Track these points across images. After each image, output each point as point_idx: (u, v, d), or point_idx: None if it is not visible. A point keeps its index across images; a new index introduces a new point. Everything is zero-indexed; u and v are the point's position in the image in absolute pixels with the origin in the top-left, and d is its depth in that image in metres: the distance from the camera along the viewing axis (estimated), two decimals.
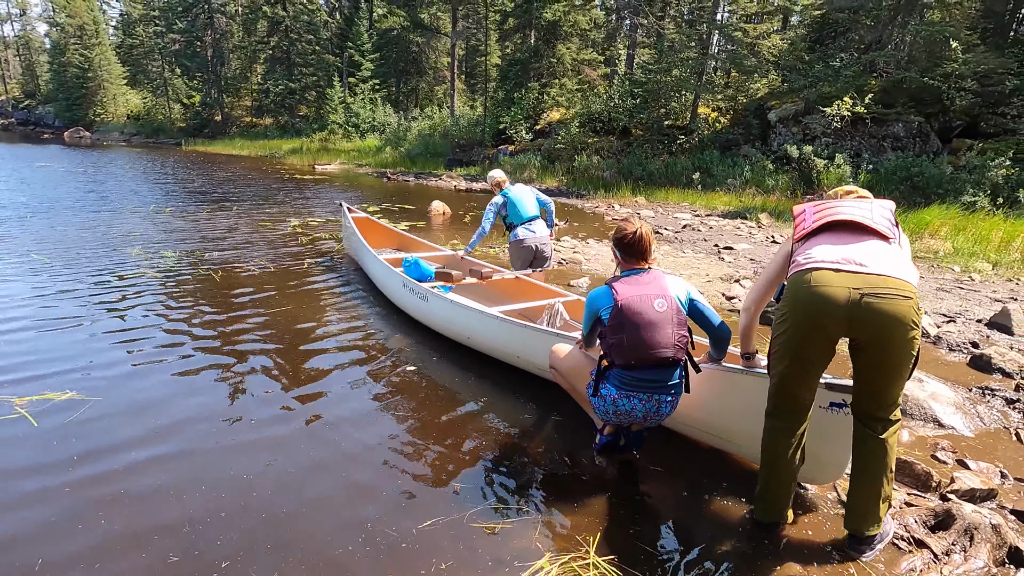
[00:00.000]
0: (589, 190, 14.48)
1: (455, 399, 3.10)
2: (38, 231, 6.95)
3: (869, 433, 1.95)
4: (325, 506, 2.15)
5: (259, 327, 4.01)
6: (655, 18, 19.20)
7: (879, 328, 1.78)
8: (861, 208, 1.98)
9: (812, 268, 1.88)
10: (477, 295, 4.56)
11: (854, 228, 1.95)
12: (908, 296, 1.78)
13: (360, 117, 26.43)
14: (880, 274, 1.80)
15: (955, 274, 6.39)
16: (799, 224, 2.06)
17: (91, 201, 9.72)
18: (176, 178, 14.55)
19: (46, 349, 3.47)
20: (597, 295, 2.36)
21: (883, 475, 1.94)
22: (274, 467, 2.37)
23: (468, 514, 2.12)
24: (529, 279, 4.46)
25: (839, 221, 1.96)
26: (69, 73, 36.67)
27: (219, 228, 7.80)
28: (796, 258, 1.98)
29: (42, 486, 2.19)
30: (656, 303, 2.23)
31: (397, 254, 5.41)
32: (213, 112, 33.80)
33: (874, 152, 12.76)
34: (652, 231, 2.39)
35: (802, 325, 1.88)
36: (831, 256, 1.88)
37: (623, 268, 2.40)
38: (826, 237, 1.96)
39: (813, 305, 1.84)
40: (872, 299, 1.77)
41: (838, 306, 1.80)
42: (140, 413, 2.76)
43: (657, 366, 2.25)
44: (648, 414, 2.32)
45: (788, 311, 1.92)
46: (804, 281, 1.87)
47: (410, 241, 6.14)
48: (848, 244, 1.91)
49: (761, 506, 2.10)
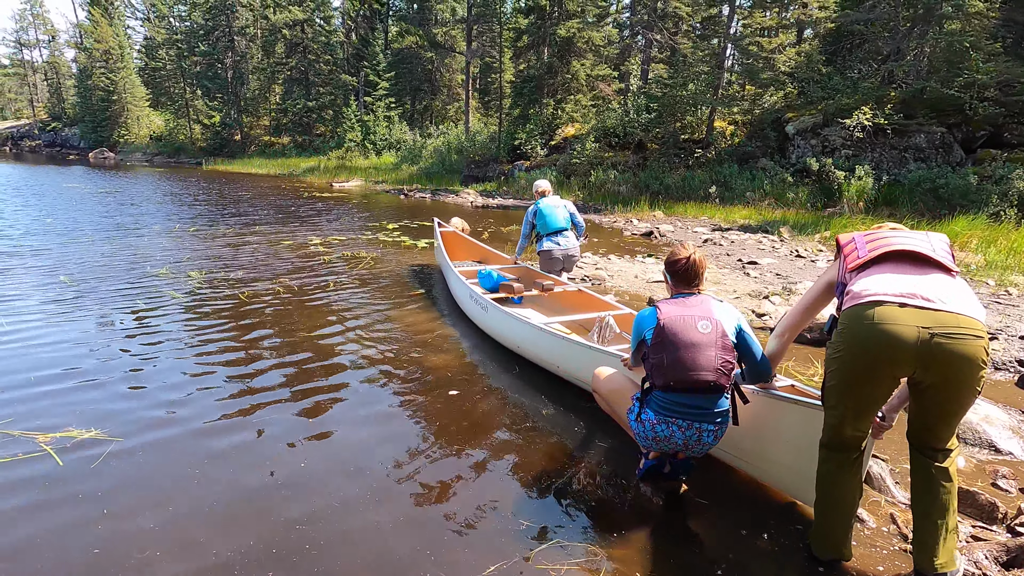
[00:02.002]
0: (606, 205, 14.46)
1: (499, 423, 3.04)
2: (65, 252, 7.06)
3: (928, 462, 1.88)
4: (372, 544, 2.10)
5: (290, 351, 4.00)
6: (668, 33, 19.27)
7: (950, 369, 1.69)
8: (919, 238, 1.88)
9: (874, 302, 1.76)
10: (540, 306, 5.01)
11: (915, 259, 1.84)
12: (980, 336, 1.70)
13: (377, 135, 26.80)
14: (951, 311, 1.70)
15: (990, 288, 6.22)
16: (849, 252, 1.95)
17: (118, 222, 9.89)
18: (199, 198, 14.79)
19: (70, 377, 3.45)
20: (643, 316, 2.32)
21: (949, 505, 1.86)
22: (317, 503, 2.32)
23: (533, 553, 2.04)
24: (589, 292, 4.65)
25: (899, 251, 1.85)
26: (95, 96, 37.73)
27: (242, 247, 7.87)
28: (852, 288, 1.86)
29: (74, 521, 2.16)
30: (700, 324, 2.18)
31: (475, 265, 5.99)
32: (232, 132, 34.48)
33: (896, 164, 12.58)
34: (705, 257, 2.35)
35: (864, 363, 1.78)
36: (895, 289, 1.76)
37: (673, 292, 2.37)
38: (886, 268, 1.84)
39: (878, 344, 1.72)
40: (944, 339, 1.67)
41: (906, 346, 1.69)
42: (166, 453, 2.67)
43: (697, 390, 2.18)
44: (688, 442, 2.25)
45: (846, 347, 1.81)
46: (866, 317, 1.75)
47: (490, 254, 6.59)
48: (912, 276, 1.79)
49: (819, 541, 2.01)
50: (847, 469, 1.94)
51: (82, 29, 40.66)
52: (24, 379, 3.39)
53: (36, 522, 2.13)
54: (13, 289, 5.24)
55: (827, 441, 1.98)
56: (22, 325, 4.30)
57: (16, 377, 3.41)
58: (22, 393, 3.20)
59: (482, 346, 4.21)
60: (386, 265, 7.02)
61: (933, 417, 1.82)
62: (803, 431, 2.17)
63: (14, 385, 3.30)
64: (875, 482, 2.49)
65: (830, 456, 1.97)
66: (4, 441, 2.67)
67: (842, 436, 1.92)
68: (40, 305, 4.83)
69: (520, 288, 4.64)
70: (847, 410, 1.87)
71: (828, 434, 1.97)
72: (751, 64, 15.56)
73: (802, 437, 2.17)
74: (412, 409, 3.16)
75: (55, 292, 5.21)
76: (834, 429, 1.93)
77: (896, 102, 12.67)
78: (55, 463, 2.52)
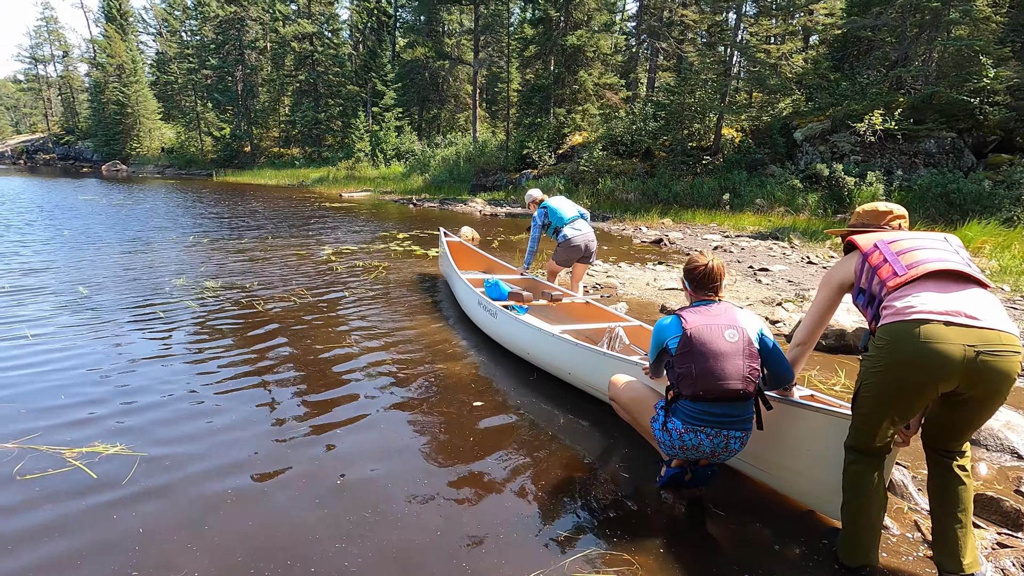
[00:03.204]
0: (615, 213, 14.49)
1: (519, 433, 3.06)
2: (82, 263, 7.17)
3: (949, 461, 1.93)
4: (408, 558, 2.12)
5: (308, 362, 4.04)
6: (675, 42, 19.37)
7: (991, 385, 1.73)
8: (945, 250, 1.90)
9: (920, 319, 1.76)
10: (547, 316, 4.96)
11: (954, 274, 1.85)
12: (1018, 351, 1.73)
13: (388, 144, 27.05)
14: (993, 329, 1.73)
15: (1006, 294, 6.18)
16: (878, 263, 1.93)
17: (132, 233, 10.03)
18: (211, 209, 14.97)
19: (89, 391, 3.46)
20: (664, 325, 2.33)
21: (969, 504, 1.91)
22: (352, 519, 2.33)
23: (567, 562, 2.05)
24: (597, 304, 4.63)
25: (937, 271, 1.84)
26: (108, 110, 38.38)
27: (255, 257, 7.96)
28: (892, 303, 1.85)
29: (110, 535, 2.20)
30: (727, 333, 2.19)
31: (481, 275, 6.00)
32: (242, 143, 34.91)
33: (906, 169, 12.54)
34: (724, 264, 2.38)
35: (909, 380, 1.79)
36: (939, 307, 1.77)
37: (693, 300, 2.38)
38: (927, 283, 1.84)
39: (925, 363, 1.74)
40: (989, 357, 1.70)
41: (954, 364, 1.71)
42: (192, 471, 2.67)
43: (726, 399, 2.19)
44: (716, 450, 2.26)
45: (890, 363, 1.81)
46: (913, 335, 1.76)
47: (495, 264, 6.63)
48: (955, 293, 1.80)
49: (848, 549, 2.00)
50: (875, 473, 1.96)
51: (96, 44, 41.38)
52: (42, 392, 3.40)
53: (73, 536, 2.17)
54: (32, 301, 5.33)
55: (857, 446, 1.98)
56: (42, 338, 4.36)
57: (35, 390, 3.42)
58: (41, 407, 3.21)
59: (496, 355, 4.23)
60: (397, 273, 7.08)
61: (963, 425, 1.87)
62: (829, 440, 2.17)
63: (34, 398, 3.32)
64: (898, 489, 2.49)
65: (859, 459, 1.98)
66: (33, 456, 2.70)
67: (874, 443, 1.94)
68: (58, 317, 4.90)
69: (529, 297, 4.64)
70: (884, 420, 1.89)
71: (859, 440, 1.97)
72: (758, 71, 15.59)
73: (828, 447, 2.18)
74: (434, 420, 3.18)
75: (74, 303, 5.29)
76: (867, 435, 1.94)
77: (905, 107, 12.65)
78: (87, 476, 2.55)
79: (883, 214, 2.20)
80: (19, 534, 2.14)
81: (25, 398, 3.31)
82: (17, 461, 2.63)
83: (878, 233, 2.07)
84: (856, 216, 2.29)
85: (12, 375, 3.61)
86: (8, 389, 3.41)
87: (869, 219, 2.22)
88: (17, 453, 2.71)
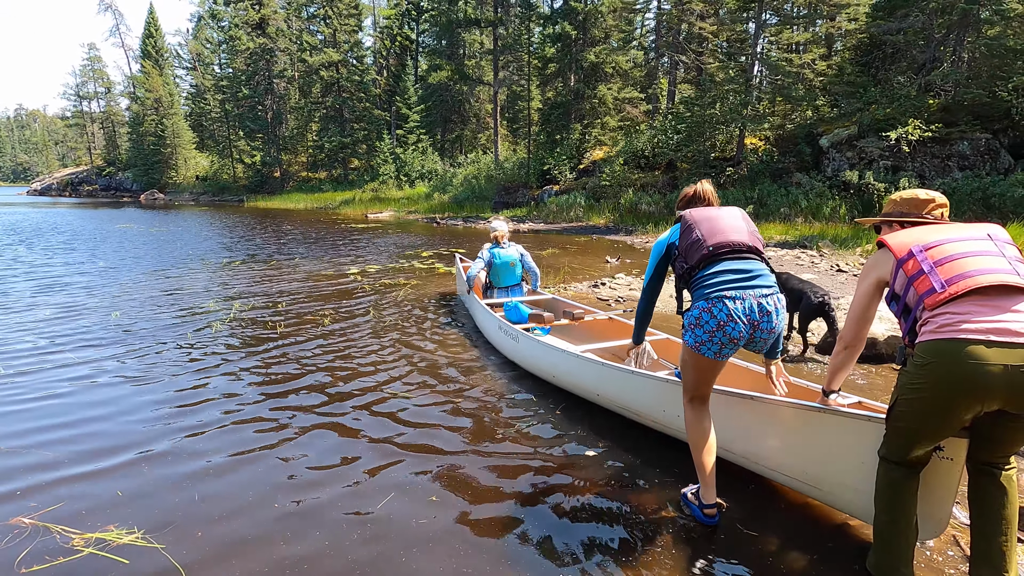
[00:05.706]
0: (637, 226, 14.41)
1: (548, 455, 3.04)
2: (117, 287, 7.43)
3: (990, 473, 1.84)
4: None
5: (341, 383, 4.08)
6: (695, 54, 19.34)
7: None
8: (990, 253, 1.76)
9: (961, 340, 1.67)
10: (570, 336, 4.79)
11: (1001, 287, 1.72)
12: None
13: (411, 165, 27.60)
14: None
15: None
16: (915, 274, 1.82)
17: (168, 258, 10.40)
18: (242, 233, 15.43)
19: (111, 452, 3.21)
20: (663, 237, 2.53)
21: (1014, 519, 1.80)
22: (390, 543, 2.36)
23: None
24: (620, 319, 4.52)
25: (988, 285, 1.71)
26: (146, 141, 40.19)
27: (285, 278, 8.16)
28: (936, 319, 1.75)
29: None
30: (726, 213, 2.36)
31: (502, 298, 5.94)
32: (272, 169, 36.03)
33: (939, 172, 12.18)
34: (714, 189, 2.56)
35: (954, 400, 1.70)
36: (981, 324, 1.67)
37: None
38: (969, 296, 1.73)
39: (966, 386, 1.66)
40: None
41: (996, 387, 1.63)
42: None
43: (738, 255, 2.24)
44: (751, 318, 2.15)
45: (934, 381, 1.72)
46: (953, 355, 1.67)
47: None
48: (998, 307, 1.68)
49: (883, 562, 1.92)
50: (910, 481, 1.88)
51: (135, 80, 43.49)
52: (63, 451, 2.99)
53: None
54: (67, 329, 5.50)
55: (892, 457, 1.90)
56: (70, 373, 4.43)
57: (57, 454, 3.03)
58: (55, 477, 2.68)
59: (521, 377, 4.13)
60: (422, 290, 7.16)
61: (1009, 441, 1.79)
62: (864, 448, 2.08)
63: (54, 455, 3.23)
64: None
65: (894, 469, 1.90)
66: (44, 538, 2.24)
67: (908, 455, 1.86)
68: (87, 349, 5.08)
69: (550, 317, 4.51)
70: (923, 435, 1.81)
71: (895, 452, 1.89)
72: (780, 80, 15.44)
73: (861, 451, 2.10)
74: (462, 439, 3.18)
75: (112, 330, 5.48)
76: (903, 448, 1.86)
77: (936, 110, 12.33)
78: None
79: (924, 202, 2.04)
80: None
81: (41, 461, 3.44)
82: None
83: (914, 232, 1.91)
84: (892, 204, 2.13)
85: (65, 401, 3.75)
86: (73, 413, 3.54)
87: (908, 207, 2.07)
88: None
